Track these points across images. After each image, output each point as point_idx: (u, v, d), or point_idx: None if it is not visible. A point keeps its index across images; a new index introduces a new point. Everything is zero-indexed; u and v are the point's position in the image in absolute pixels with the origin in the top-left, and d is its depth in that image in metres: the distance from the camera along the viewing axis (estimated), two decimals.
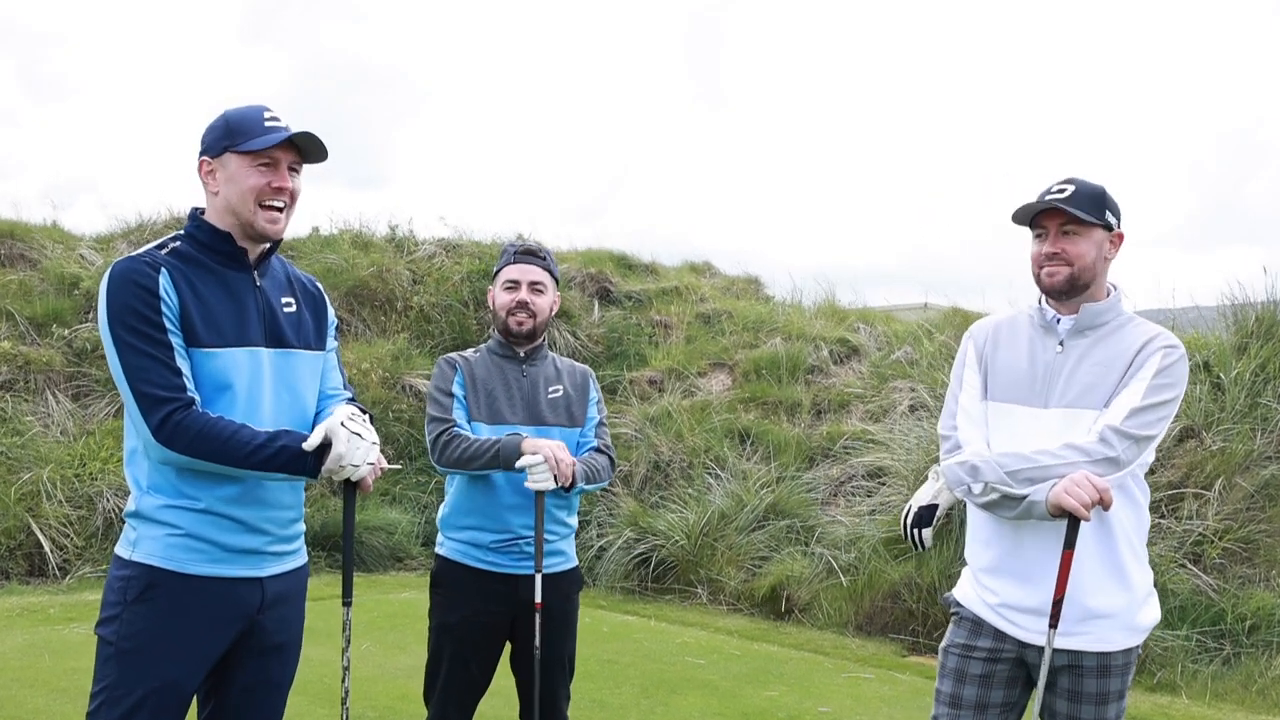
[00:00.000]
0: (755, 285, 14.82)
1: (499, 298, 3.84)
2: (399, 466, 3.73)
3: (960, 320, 11.65)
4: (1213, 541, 7.70)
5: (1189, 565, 7.66)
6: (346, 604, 2.92)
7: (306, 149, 2.82)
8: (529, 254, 3.84)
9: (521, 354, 3.85)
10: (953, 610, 3.29)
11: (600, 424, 3.94)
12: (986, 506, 3.09)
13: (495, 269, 3.91)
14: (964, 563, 3.29)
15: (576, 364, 4.04)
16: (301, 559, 2.98)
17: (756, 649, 7.71)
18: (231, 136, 2.78)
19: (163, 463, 2.67)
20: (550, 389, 3.84)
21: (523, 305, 3.79)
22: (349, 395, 3.10)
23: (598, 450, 3.86)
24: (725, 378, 11.90)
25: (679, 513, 9.49)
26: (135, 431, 2.71)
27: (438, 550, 3.86)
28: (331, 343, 3.10)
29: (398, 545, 9.94)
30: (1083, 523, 2.89)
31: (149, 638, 2.65)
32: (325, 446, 2.70)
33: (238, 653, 2.80)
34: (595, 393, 3.97)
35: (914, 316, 13.28)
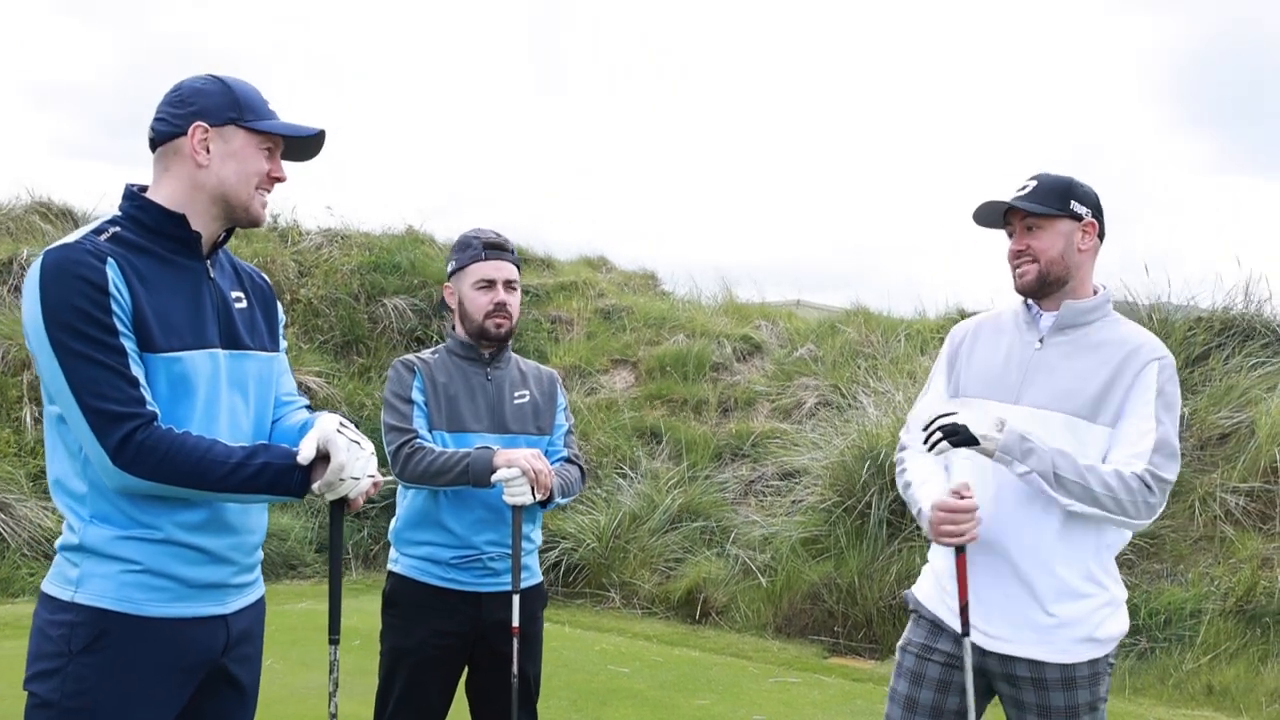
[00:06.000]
0: (652, 280, 14.65)
1: (472, 298, 3.50)
2: (392, 477, 3.36)
3: (863, 318, 11.68)
4: None
5: None
6: (334, 642, 2.53)
7: (297, 145, 2.53)
8: (499, 248, 3.51)
9: (486, 356, 3.55)
10: (912, 609, 3.18)
11: (569, 432, 3.66)
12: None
13: (457, 263, 3.55)
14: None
15: (542, 367, 3.74)
16: (261, 588, 2.62)
17: (679, 654, 7.51)
18: (239, 109, 2.42)
19: (120, 490, 2.27)
20: (516, 394, 3.55)
21: (501, 306, 3.48)
22: (306, 402, 2.75)
23: (568, 460, 3.59)
24: (628, 375, 11.67)
25: (588, 514, 9.22)
26: (66, 453, 2.30)
27: (391, 567, 3.53)
28: (283, 343, 2.75)
29: (290, 553, 9.42)
30: (1048, 528, 2.88)
31: (102, 694, 2.25)
32: (314, 461, 2.33)
33: (194, 700, 2.42)
34: (563, 398, 3.69)
35: (807, 314, 13.29)
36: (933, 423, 2.88)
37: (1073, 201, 2.97)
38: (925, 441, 2.90)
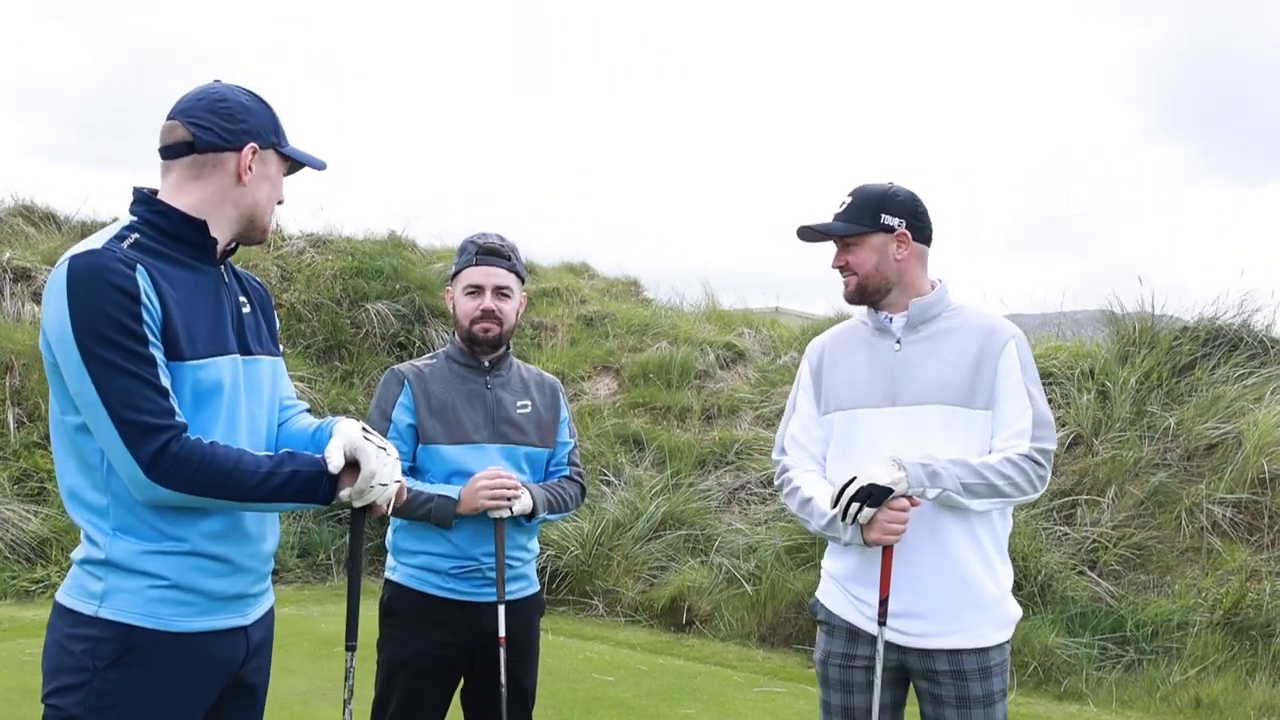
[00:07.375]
0: (634, 287, 14.63)
1: (461, 303, 3.46)
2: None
3: None
4: (1108, 548, 7.80)
5: (1087, 572, 7.75)
6: (350, 648, 2.49)
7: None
8: (492, 253, 3.45)
9: (486, 363, 3.49)
10: (821, 620, 3.21)
11: (573, 449, 3.62)
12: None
13: (454, 268, 3.52)
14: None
15: (545, 374, 3.68)
16: (273, 596, 2.58)
17: (663, 663, 7.47)
18: (278, 134, 2.45)
19: (148, 503, 2.21)
20: (519, 404, 3.49)
21: (488, 314, 3.42)
22: (306, 406, 2.74)
23: (569, 478, 3.54)
24: (612, 382, 11.63)
25: (572, 522, 9.15)
26: (82, 465, 2.24)
27: (389, 576, 3.48)
28: (280, 346, 2.72)
29: None
30: (956, 516, 2.97)
31: (128, 711, 2.20)
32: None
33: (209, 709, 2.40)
34: (566, 410, 3.63)
35: (787, 321, 13.29)
36: (840, 495, 2.89)
37: (883, 215, 3.05)
38: (844, 516, 2.88)
